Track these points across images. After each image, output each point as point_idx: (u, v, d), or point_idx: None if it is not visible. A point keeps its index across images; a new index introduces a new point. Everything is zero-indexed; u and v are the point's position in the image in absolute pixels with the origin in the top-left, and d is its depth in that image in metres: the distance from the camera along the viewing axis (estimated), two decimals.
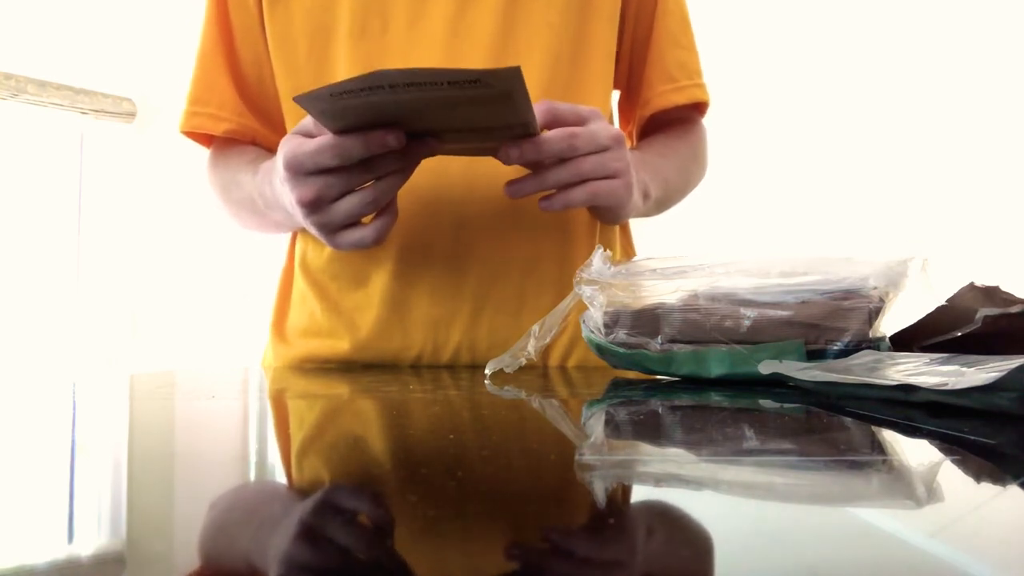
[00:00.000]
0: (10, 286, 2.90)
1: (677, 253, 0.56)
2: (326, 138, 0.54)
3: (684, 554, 0.18)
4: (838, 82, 2.37)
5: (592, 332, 0.56)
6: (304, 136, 0.56)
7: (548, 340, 0.58)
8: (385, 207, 0.59)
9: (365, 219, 0.60)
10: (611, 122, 0.85)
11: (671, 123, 0.82)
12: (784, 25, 2.54)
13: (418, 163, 0.58)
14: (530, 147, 0.56)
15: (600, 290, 0.55)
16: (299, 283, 0.77)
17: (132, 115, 3.14)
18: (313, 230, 0.60)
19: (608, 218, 0.71)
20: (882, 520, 0.20)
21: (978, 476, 0.26)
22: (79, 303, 3.06)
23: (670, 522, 0.20)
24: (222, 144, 0.78)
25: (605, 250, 0.57)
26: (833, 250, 0.53)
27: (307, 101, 0.48)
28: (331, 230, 0.59)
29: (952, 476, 0.26)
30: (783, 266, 0.51)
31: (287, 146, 0.56)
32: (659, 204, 0.77)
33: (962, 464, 0.27)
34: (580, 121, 0.59)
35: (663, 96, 0.78)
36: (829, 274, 0.50)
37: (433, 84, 0.46)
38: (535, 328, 0.58)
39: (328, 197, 0.56)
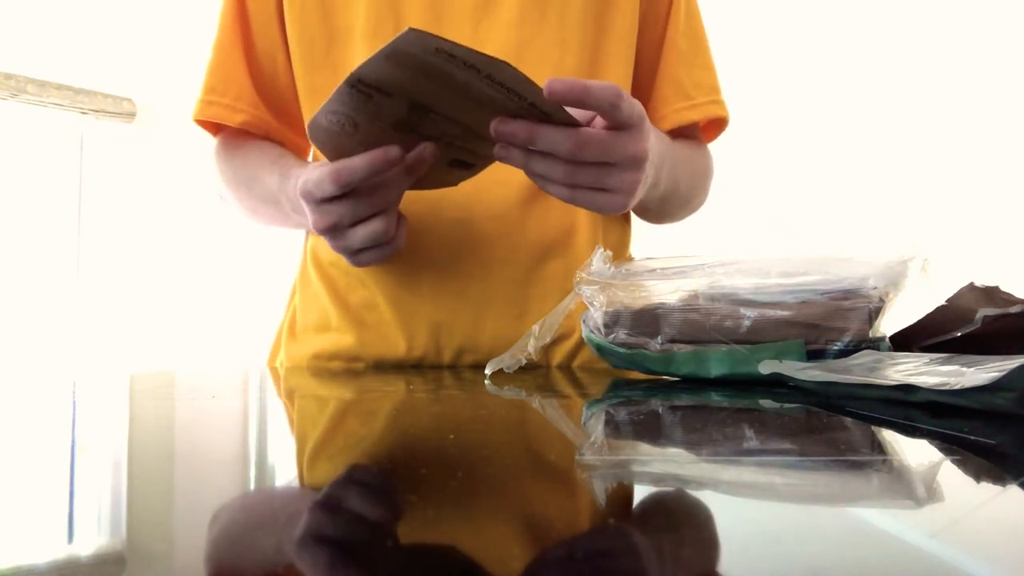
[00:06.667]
0: (10, 286, 2.90)
1: (677, 253, 0.56)
2: (326, 168, 0.55)
3: (684, 554, 0.18)
4: (838, 82, 2.37)
5: (592, 332, 0.56)
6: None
7: (548, 340, 0.58)
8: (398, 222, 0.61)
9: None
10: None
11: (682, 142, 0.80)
12: (783, 25, 2.54)
13: (419, 173, 0.58)
14: (522, 128, 0.51)
15: (600, 290, 0.55)
16: (312, 278, 0.78)
17: (132, 115, 3.14)
18: (336, 252, 0.62)
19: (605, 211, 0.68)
20: (882, 520, 0.20)
21: (978, 476, 0.26)
22: (79, 303, 3.05)
23: (670, 522, 0.20)
24: (234, 135, 0.78)
25: (605, 250, 0.57)
26: (833, 250, 0.53)
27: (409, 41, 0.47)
28: (351, 253, 0.61)
29: (952, 476, 0.26)
30: (783, 266, 0.51)
31: (304, 175, 0.58)
32: (659, 204, 0.74)
33: (962, 464, 0.27)
34: (618, 123, 0.52)
35: (679, 113, 0.77)
36: (829, 274, 0.50)
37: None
38: (535, 328, 0.58)
39: (343, 224, 0.58)
